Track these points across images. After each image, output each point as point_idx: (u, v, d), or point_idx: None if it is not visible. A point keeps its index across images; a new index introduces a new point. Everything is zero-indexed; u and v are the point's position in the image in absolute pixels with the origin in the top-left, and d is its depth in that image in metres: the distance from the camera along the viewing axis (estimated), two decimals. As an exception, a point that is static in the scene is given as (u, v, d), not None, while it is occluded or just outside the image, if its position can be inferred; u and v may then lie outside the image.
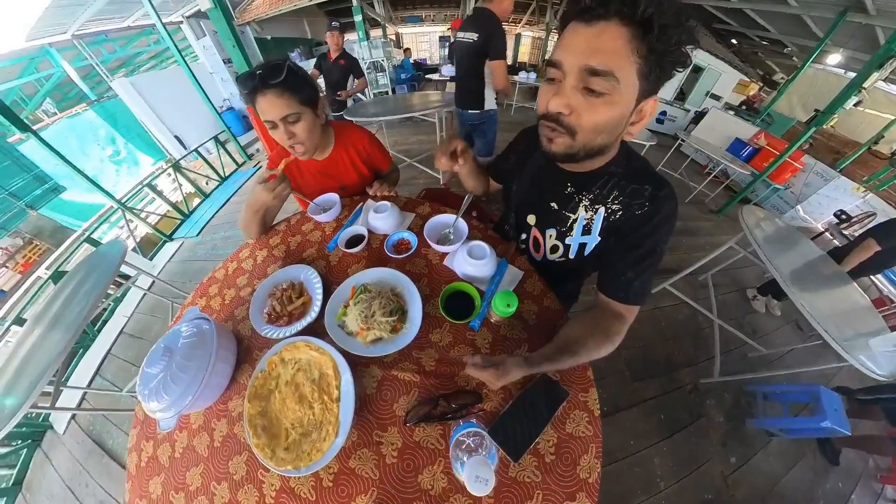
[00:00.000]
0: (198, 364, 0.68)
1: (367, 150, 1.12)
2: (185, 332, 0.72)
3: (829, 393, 1.57)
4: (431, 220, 0.90)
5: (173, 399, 0.64)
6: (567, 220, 0.70)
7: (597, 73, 0.44)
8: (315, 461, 0.57)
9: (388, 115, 2.99)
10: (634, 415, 1.72)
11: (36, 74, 6.47)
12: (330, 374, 0.65)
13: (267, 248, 1.02)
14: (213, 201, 4.08)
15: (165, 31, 3.96)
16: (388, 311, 0.71)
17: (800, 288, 1.44)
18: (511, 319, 0.71)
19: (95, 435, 1.97)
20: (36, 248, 6.43)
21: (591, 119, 0.48)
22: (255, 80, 0.79)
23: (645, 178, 0.61)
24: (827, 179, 3.84)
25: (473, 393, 0.60)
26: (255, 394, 0.69)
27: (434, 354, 0.69)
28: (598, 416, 0.58)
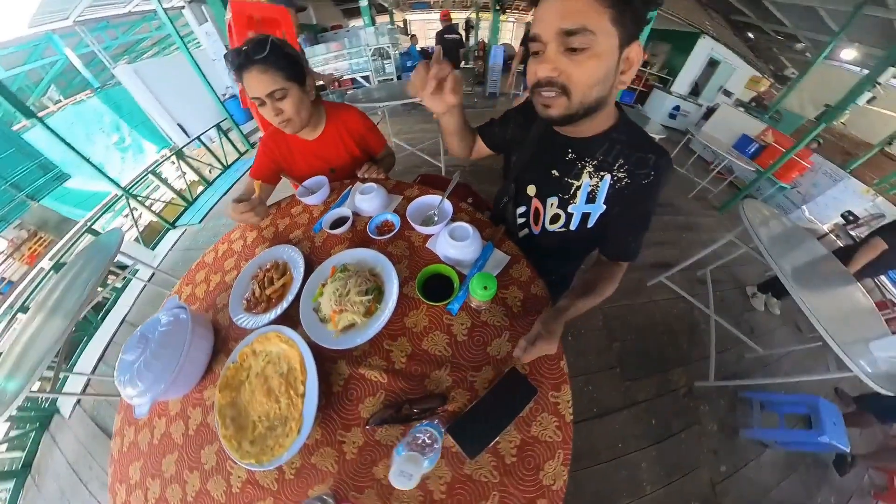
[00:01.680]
0: (171, 353, 0.67)
1: (359, 130, 1.08)
2: (163, 321, 0.72)
3: (829, 405, 1.52)
4: (416, 200, 0.85)
5: (147, 386, 0.63)
6: (570, 187, 0.68)
7: (572, 33, 0.46)
8: (277, 457, 0.56)
9: (392, 100, 2.93)
10: (625, 417, 1.67)
11: (40, 61, 6.50)
12: (297, 369, 0.62)
13: (257, 230, 1.04)
14: (215, 189, 4.07)
15: (167, 16, 3.90)
16: (364, 290, 0.67)
17: (801, 286, 1.37)
18: (493, 305, 0.66)
19: (99, 419, 2.02)
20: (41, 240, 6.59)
21: (580, 74, 0.49)
22: (239, 57, 0.79)
23: (648, 146, 0.62)
24: (836, 180, 3.70)
25: (440, 396, 0.56)
26: (226, 384, 0.68)
27: (407, 346, 0.64)
28: (570, 421, 0.54)
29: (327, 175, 1.06)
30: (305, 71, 0.89)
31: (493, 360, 0.60)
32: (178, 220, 3.58)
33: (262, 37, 0.81)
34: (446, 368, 0.60)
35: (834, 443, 1.41)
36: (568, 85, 0.50)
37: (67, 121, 6.00)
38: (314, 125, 1.01)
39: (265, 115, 0.87)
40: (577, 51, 0.47)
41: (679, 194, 3.71)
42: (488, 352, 0.61)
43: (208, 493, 0.61)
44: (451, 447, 0.53)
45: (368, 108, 3.27)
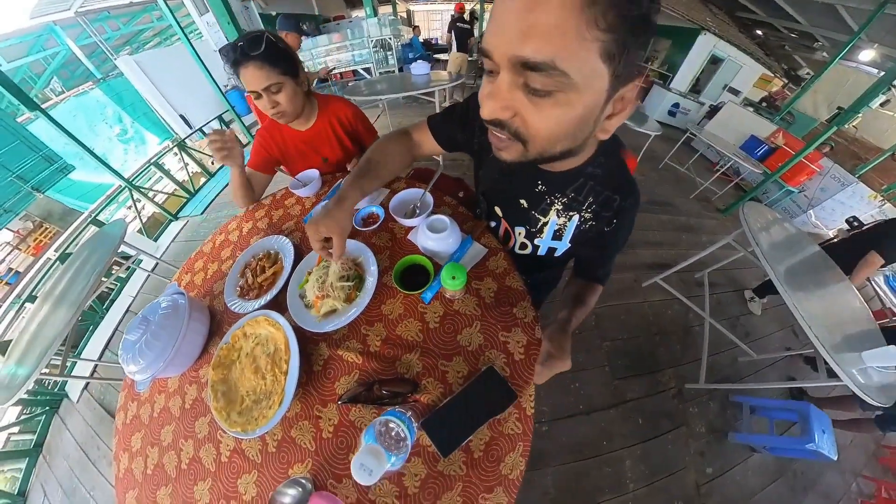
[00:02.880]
0: (170, 334, 0.74)
1: (350, 121, 1.12)
2: (162, 305, 0.78)
3: (819, 413, 1.53)
4: (400, 193, 0.89)
5: (147, 363, 0.70)
6: (537, 221, 0.66)
7: (534, 68, 0.31)
8: (261, 426, 0.61)
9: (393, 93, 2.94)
10: (612, 416, 1.68)
11: (42, 52, 6.57)
12: (282, 350, 0.68)
13: (252, 221, 1.09)
14: (217, 180, 4.14)
15: (167, 6, 3.91)
16: (346, 276, 0.73)
17: (797, 291, 1.37)
18: (466, 295, 0.70)
19: (106, 403, 2.12)
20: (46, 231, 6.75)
21: (541, 122, 0.36)
22: (236, 53, 0.83)
23: (618, 184, 0.57)
24: (844, 185, 3.65)
25: (410, 382, 0.60)
26: (219, 363, 0.74)
27: (382, 331, 0.69)
28: (531, 415, 0.57)
29: (320, 165, 1.12)
30: (299, 66, 0.95)
31: (464, 351, 0.64)
32: (180, 212, 3.66)
33: (257, 33, 0.85)
34: (417, 353, 0.65)
35: (821, 451, 1.42)
36: (522, 132, 0.38)
37: (70, 112, 6.10)
38: (307, 116, 1.06)
39: (261, 106, 0.92)
40: (538, 92, 0.33)
41: (679, 194, 3.67)
42: (459, 341, 0.66)
43: (200, 461, 0.67)
44: (428, 446, 0.55)
45: (369, 101, 3.27)
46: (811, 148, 2.96)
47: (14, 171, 3.47)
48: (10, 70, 6.13)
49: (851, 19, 4.66)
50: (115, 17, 6.75)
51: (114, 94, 6.62)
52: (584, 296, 0.70)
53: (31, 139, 3.52)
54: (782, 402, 1.78)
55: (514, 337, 0.65)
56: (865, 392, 1.11)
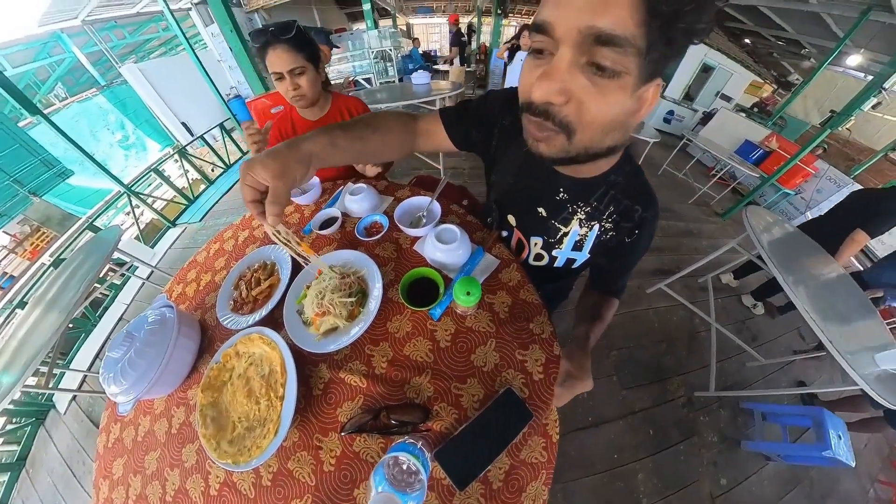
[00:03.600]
0: (156, 351, 0.67)
1: (360, 113, 1.16)
2: (149, 320, 0.72)
3: (833, 418, 1.47)
4: (405, 202, 0.83)
5: (130, 384, 0.63)
6: (557, 231, 0.61)
7: (608, 42, 0.28)
8: (254, 457, 0.55)
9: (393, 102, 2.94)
10: (621, 427, 1.62)
11: (48, 59, 6.58)
12: (278, 372, 0.61)
13: (248, 229, 1.03)
14: (217, 188, 4.09)
15: (173, 17, 3.94)
16: (348, 292, 0.66)
17: (804, 294, 1.34)
18: (479, 311, 0.64)
19: (94, 416, 2.02)
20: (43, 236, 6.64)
21: (599, 111, 0.33)
22: (267, 35, 0.89)
23: (639, 194, 0.55)
24: (840, 186, 3.68)
25: (421, 408, 0.54)
26: (208, 384, 0.68)
27: (388, 352, 0.62)
28: (556, 440, 0.52)
29: None
30: (320, 56, 1.00)
31: (478, 371, 0.58)
32: (178, 219, 3.59)
33: (289, 21, 0.91)
34: (427, 375, 0.59)
35: (839, 458, 1.36)
36: (573, 122, 0.34)
37: (73, 118, 6.07)
38: (320, 106, 1.10)
39: (281, 89, 0.96)
40: (604, 72, 0.30)
41: (678, 200, 3.69)
42: (472, 361, 0.60)
43: (186, 493, 0.60)
44: (443, 479, 0.50)
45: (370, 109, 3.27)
46: (806, 151, 3.00)
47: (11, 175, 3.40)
48: (14, 75, 6.12)
49: (836, 26, 4.76)
50: (121, 26, 6.77)
51: (117, 100, 6.61)
52: (600, 310, 0.66)
53: (30, 143, 3.47)
54: (795, 407, 1.72)
55: (532, 355, 0.59)
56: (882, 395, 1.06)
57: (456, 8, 10.04)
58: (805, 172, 3.76)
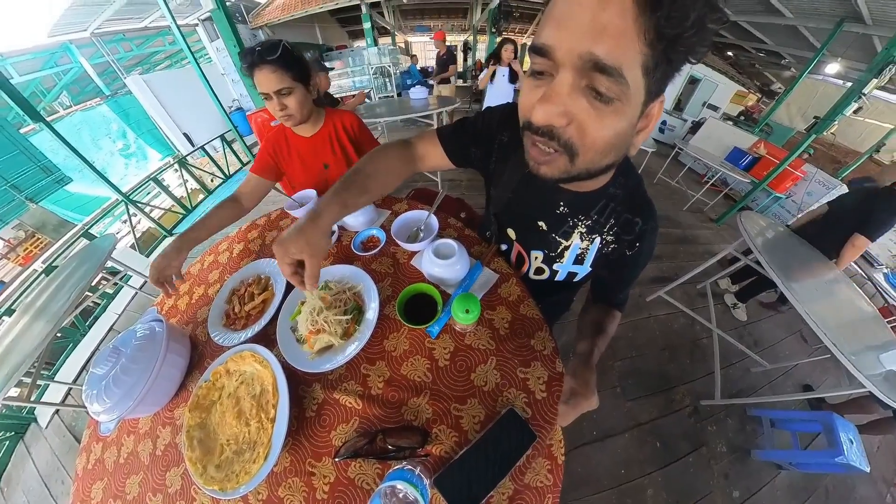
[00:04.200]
0: (143, 368, 0.64)
1: (355, 130, 1.14)
2: (137, 335, 0.69)
3: (843, 422, 1.41)
4: (402, 216, 0.82)
5: (114, 402, 0.60)
6: (558, 245, 0.60)
7: (605, 70, 0.29)
8: (243, 484, 0.51)
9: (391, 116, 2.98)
10: (627, 441, 1.56)
11: (55, 68, 6.61)
12: (269, 392, 0.58)
13: (244, 242, 1.01)
14: (215, 198, 4.07)
15: (180, 32, 3.99)
16: (343, 309, 0.63)
17: (803, 296, 1.31)
18: (478, 327, 0.62)
19: (77, 431, 1.91)
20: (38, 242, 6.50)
21: (598, 134, 0.34)
22: (253, 56, 0.86)
23: (639, 206, 0.54)
24: (829, 188, 3.73)
25: (419, 431, 0.51)
26: (196, 404, 0.64)
27: (385, 371, 0.60)
28: (562, 462, 0.49)
29: (321, 171, 1.10)
30: (311, 73, 0.97)
31: (479, 391, 0.56)
32: (175, 228, 3.54)
33: (275, 40, 0.89)
34: (425, 396, 0.56)
35: (852, 464, 1.29)
36: (576, 144, 0.35)
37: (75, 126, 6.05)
38: (313, 123, 1.07)
39: (270, 108, 0.94)
40: (602, 98, 0.31)
41: (674, 207, 3.73)
42: (473, 380, 0.57)
43: (167, 524, 0.55)
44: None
45: (369, 123, 3.32)
46: (794, 156, 3.03)
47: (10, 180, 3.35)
48: (21, 83, 6.14)
49: (813, 38, 4.98)
50: (129, 39, 6.86)
51: (120, 110, 6.63)
52: (604, 324, 0.63)
53: (30, 149, 3.43)
54: (803, 413, 1.66)
55: (534, 372, 0.57)
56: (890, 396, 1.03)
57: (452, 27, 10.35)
58: (794, 176, 3.83)
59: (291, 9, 6.45)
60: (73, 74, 6.85)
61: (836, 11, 4.11)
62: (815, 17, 4.46)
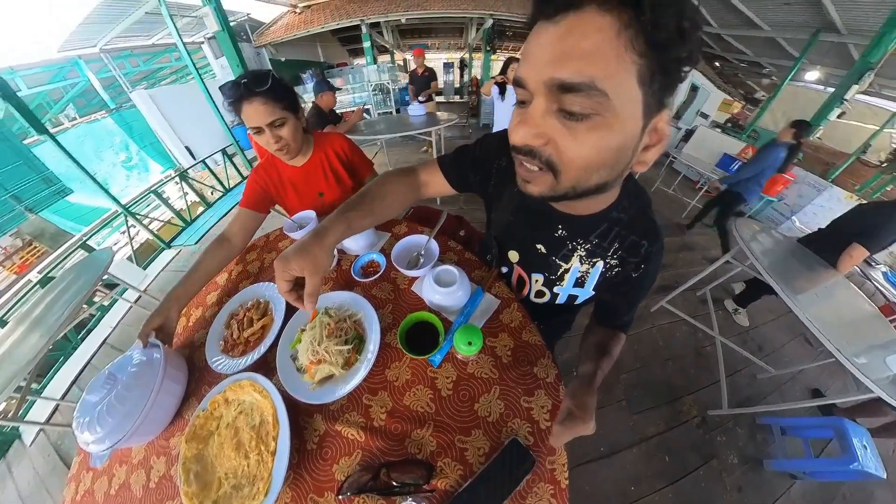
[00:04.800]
0: (139, 396, 0.61)
1: (346, 153, 1.10)
2: (134, 360, 0.66)
3: (856, 428, 1.34)
4: (402, 241, 0.81)
5: (106, 432, 0.57)
6: (558, 268, 0.60)
7: (570, 89, 0.30)
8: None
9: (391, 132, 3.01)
10: (635, 456, 1.50)
11: (63, 82, 6.66)
12: (269, 423, 0.56)
13: (243, 264, 0.99)
14: (215, 211, 4.04)
15: (186, 50, 4.09)
16: (344, 339, 0.62)
17: (803, 300, 1.28)
18: (481, 355, 0.61)
19: (63, 451, 1.82)
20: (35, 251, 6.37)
21: (576, 150, 0.34)
22: (240, 89, 0.80)
23: (644, 228, 0.53)
24: (819, 190, 3.77)
25: (424, 465, 0.49)
26: (193, 434, 0.61)
27: (387, 402, 0.58)
28: (566, 486, 0.48)
29: (316, 200, 1.07)
30: (298, 102, 0.94)
31: (483, 422, 0.54)
32: (174, 240, 3.50)
33: (262, 71, 0.85)
34: (429, 427, 0.54)
35: (868, 470, 1.25)
36: (555, 161, 0.35)
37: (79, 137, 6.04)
38: (304, 152, 1.03)
39: (262, 142, 0.88)
40: (574, 116, 0.32)
41: (672, 216, 3.76)
42: (476, 410, 0.56)
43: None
44: None
45: (369, 139, 3.35)
46: None
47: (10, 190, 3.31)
48: (28, 95, 6.17)
49: (791, 48, 5.23)
50: (136, 55, 6.94)
51: (124, 123, 6.65)
52: (608, 346, 0.62)
53: (33, 160, 3.41)
54: (814, 419, 1.60)
55: (538, 401, 0.56)
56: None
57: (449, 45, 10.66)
58: (784, 180, 3.81)
59: (294, 28, 6.63)
60: (80, 88, 6.90)
61: (810, 23, 4.34)
62: (792, 28, 4.71)
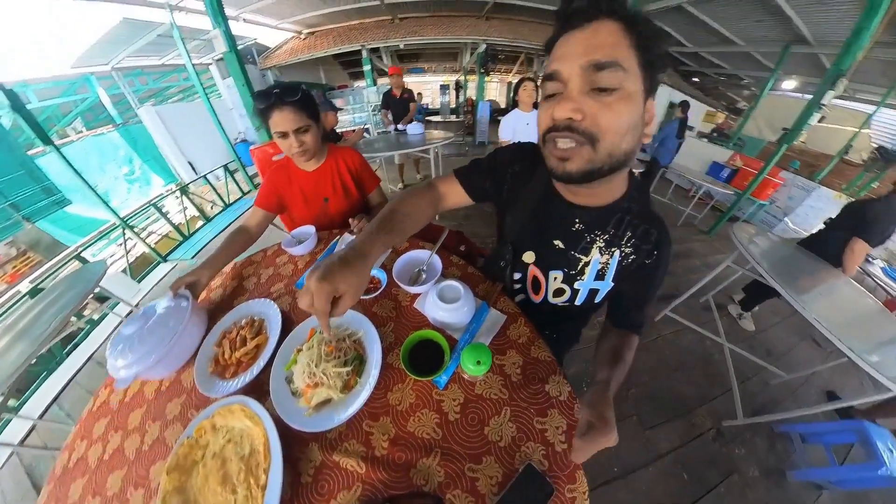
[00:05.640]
0: (166, 332, 0.66)
1: (356, 166, 1.15)
2: (164, 304, 0.73)
3: (879, 430, 1.27)
4: (403, 256, 0.77)
5: (135, 358, 0.63)
6: (577, 262, 0.59)
7: (603, 67, 0.38)
8: None
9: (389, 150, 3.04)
10: (652, 475, 1.38)
11: (73, 96, 6.71)
12: (260, 453, 0.50)
13: (238, 279, 0.95)
14: (213, 226, 3.99)
15: (194, 71, 4.19)
16: (343, 360, 0.57)
17: (808, 301, 1.24)
18: (489, 375, 0.57)
19: (37, 475, 1.66)
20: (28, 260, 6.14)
21: (611, 119, 0.39)
22: (272, 98, 0.88)
23: (651, 217, 0.56)
24: (808, 191, 3.88)
25: (432, 498, 0.44)
26: (176, 464, 0.54)
27: (390, 428, 0.53)
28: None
29: (321, 206, 1.10)
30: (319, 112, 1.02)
31: (494, 447, 0.49)
32: (170, 254, 3.42)
33: (293, 83, 0.93)
34: (436, 456, 0.49)
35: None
36: (595, 131, 0.40)
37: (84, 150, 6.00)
38: (318, 158, 1.10)
39: (285, 146, 0.95)
40: (605, 91, 0.38)
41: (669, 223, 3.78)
42: (486, 434, 0.51)
43: None
44: None
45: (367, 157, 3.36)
46: (770, 166, 3.14)
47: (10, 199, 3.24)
48: (38, 108, 6.19)
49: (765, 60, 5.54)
50: (146, 73, 7.05)
51: (130, 137, 6.67)
52: (621, 351, 0.60)
53: (35, 170, 3.36)
54: (834, 424, 1.51)
55: (552, 421, 0.51)
56: None
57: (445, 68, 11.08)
58: (774, 184, 3.98)
59: (298, 52, 6.86)
60: (89, 103, 6.95)
61: (782, 37, 4.63)
62: (765, 42, 5.00)
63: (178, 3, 4.03)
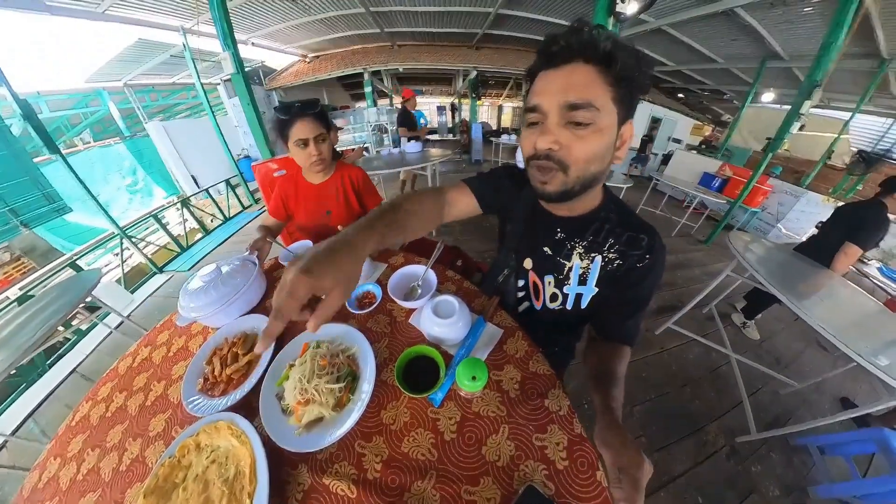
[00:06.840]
0: (235, 283, 0.75)
1: (359, 183, 1.19)
2: (238, 263, 0.82)
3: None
4: (398, 271, 0.75)
5: (205, 302, 0.71)
6: (562, 267, 0.63)
7: (577, 107, 0.43)
8: None
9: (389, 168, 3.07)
10: (665, 500, 1.26)
11: (84, 109, 6.77)
12: (245, 476, 0.46)
13: None
14: (212, 238, 3.91)
15: (203, 90, 4.27)
16: (336, 376, 0.54)
17: (808, 305, 1.22)
18: (486, 391, 0.54)
19: (1, 497, 1.52)
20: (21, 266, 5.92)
21: (581, 150, 0.45)
22: (293, 110, 0.98)
23: (638, 226, 0.59)
24: (797, 197, 3.93)
25: None
26: (155, 487, 0.50)
27: (383, 449, 0.49)
28: None
29: (323, 218, 1.14)
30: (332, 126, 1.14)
31: (492, 467, 0.47)
32: (167, 266, 3.33)
33: (313, 98, 1.03)
34: (431, 478, 0.46)
35: None
36: (566, 160, 0.46)
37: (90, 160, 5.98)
38: (326, 171, 1.15)
39: (303, 156, 1.02)
40: (580, 125, 0.44)
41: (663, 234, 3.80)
42: (484, 454, 0.48)
43: None
44: None
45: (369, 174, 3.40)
46: (759, 174, 3.18)
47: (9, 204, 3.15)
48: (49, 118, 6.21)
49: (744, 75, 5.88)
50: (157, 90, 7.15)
51: (135, 150, 6.69)
52: (613, 366, 0.57)
53: (38, 177, 3.30)
54: (852, 433, 1.42)
55: (552, 438, 0.49)
56: None
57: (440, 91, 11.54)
58: (763, 191, 4.03)
59: (303, 74, 7.08)
60: (99, 115, 7.00)
61: (757, 53, 4.91)
62: (742, 59, 5.31)
63: (192, 27, 4.15)
